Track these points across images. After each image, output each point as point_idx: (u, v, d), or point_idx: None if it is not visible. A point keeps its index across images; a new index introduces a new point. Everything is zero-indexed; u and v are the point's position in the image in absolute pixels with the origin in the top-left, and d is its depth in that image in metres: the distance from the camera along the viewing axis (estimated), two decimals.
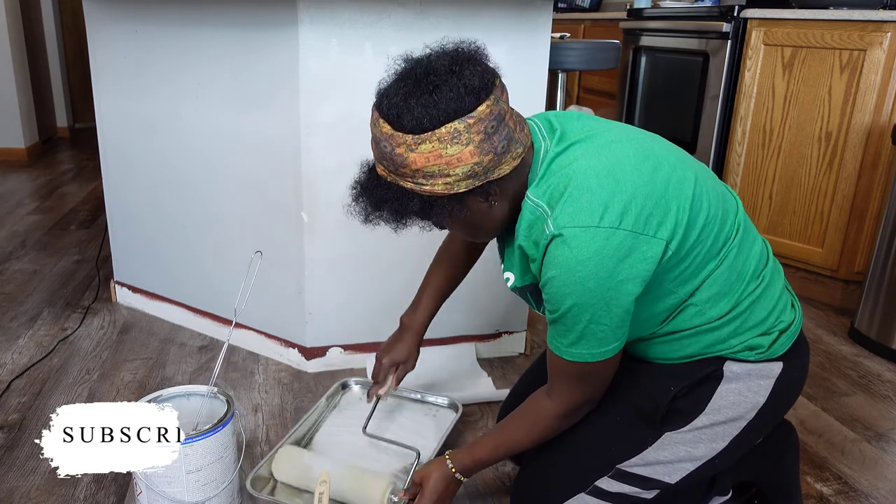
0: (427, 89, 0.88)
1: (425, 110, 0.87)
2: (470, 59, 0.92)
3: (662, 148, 1.03)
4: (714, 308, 1.02)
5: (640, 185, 0.94)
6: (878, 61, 2.11)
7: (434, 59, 0.91)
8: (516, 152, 0.94)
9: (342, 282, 1.79)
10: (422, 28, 1.64)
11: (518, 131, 0.95)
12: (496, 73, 0.93)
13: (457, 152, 0.88)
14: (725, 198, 1.04)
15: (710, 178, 1.05)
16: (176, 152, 1.94)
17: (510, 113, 0.93)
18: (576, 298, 0.93)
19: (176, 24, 1.81)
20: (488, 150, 0.90)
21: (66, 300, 2.25)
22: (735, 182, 2.55)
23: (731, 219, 1.02)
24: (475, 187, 0.93)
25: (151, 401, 1.26)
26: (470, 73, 0.89)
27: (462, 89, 0.87)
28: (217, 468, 1.20)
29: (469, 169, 0.90)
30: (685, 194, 0.96)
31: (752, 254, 1.04)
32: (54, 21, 5.04)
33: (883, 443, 1.60)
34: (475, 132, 0.88)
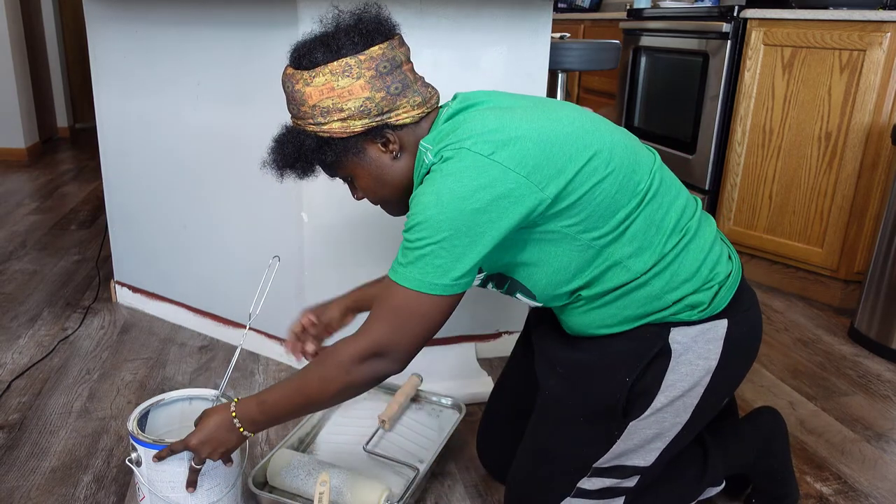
0: (326, 35, 0.98)
1: (321, 49, 0.96)
2: (371, 14, 1.00)
3: (569, 109, 1.04)
4: (638, 262, 1.01)
5: (527, 132, 0.94)
6: (878, 61, 2.12)
7: (340, 18, 1.01)
8: (414, 100, 0.99)
9: (342, 282, 1.78)
10: (422, 28, 1.64)
11: (418, 84, 1.01)
12: (395, 30, 1.01)
13: (347, 85, 0.95)
14: (638, 151, 1.04)
15: (622, 135, 1.04)
16: (176, 152, 1.94)
17: (410, 67, 1.01)
18: (427, 212, 0.91)
19: (176, 24, 1.81)
20: (380, 88, 0.97)
21: (66, 300, 2.25)
22: (735, 182, 2.55)
23: (643, 170, 1.02)
24: (370, 128, 0.99)
25: (154, 405, 1.25)
26: (366, 23, 0.98)
27: (355, 33, 0.96)
28: (221, 473, 1.19)
29: (361, 104, 0.96)
30: (577, 148, 0.96)
31: (674, 207, 1.04)
32: (54, 21, 5.04)
33: (883, 443, 1.60)
34: (366, 68, 0.95)
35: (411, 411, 1.62)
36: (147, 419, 1.24)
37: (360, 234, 1.76)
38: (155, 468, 1.14)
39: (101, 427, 1.57)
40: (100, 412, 1.63)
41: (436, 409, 1.62)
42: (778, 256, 2.49)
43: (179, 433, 1.26)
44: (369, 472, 1.43)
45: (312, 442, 1.52)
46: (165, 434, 1.26)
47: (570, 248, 1.00)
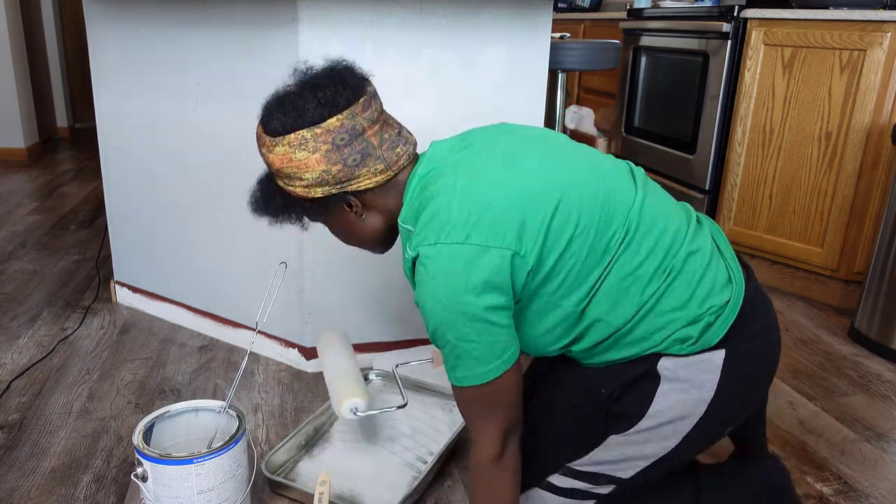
0: (290, 98, 0.98)
1: (283, 116, 0.97)
2: (339, 75, 1.00)
3: (535, 158, 1.01)
4: (617, 315, 0.99)
5: (494, 199, 0.94)
6: (878, 61, 2.11)
7: (313, 75, 1.02)
8: (375, 168, 1.00)
9: (342, 282, 1.79)
10: (422, 28, 1.64)
11: (383, 148, 1.00)
12: (361, 91, 0.99)
13: (304, 158, 0.98)
14: (610, 200, 0.99)
15: (593, 181, 1.00)
16: (176, 152, 1.94)
17: (375, 130, 1.00)
18: (437, 317, 0.94)
19: (176, 24, 1.81)
20: (336, 161, 0.98)
21: (66, 300, 2.25)
22: (735, 182, 2.55)
23: (616, 222, 0.98)
24: (331, 195, 1.02)
25: (159, 417, 1.24)
26: (329, 88, 0.98)
27: (316, 102, 0.97)
28: (230, 486, 1.17)
29: (318, 175, 0.99)
30: (545, 206, 0.95)
31: (657, 248, 0.99)
32: (54, 21, 5.04)
33: (883, 443, 1.60)
34: (322, 141, 0.97)
35: (422, 404, 1.64)
36: (152, 432, 1.22)
37: None
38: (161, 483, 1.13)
39: (100, 427, 1.57)
40: (100, 412, 1.63)
41: (449, 403, 1.64)
42: (778, 256, 2.49)
43: (186, 446, 1.25)
44: (376, 468, 1.44)
45: (328, 431, 1.53)
46: (171, 447, 1.25)
47: (555, 314, 1.00)
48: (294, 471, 1.41)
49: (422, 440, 1.50)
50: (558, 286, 0.97)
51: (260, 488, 1.36)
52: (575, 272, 0.97)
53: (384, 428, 1.54)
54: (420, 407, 1.62)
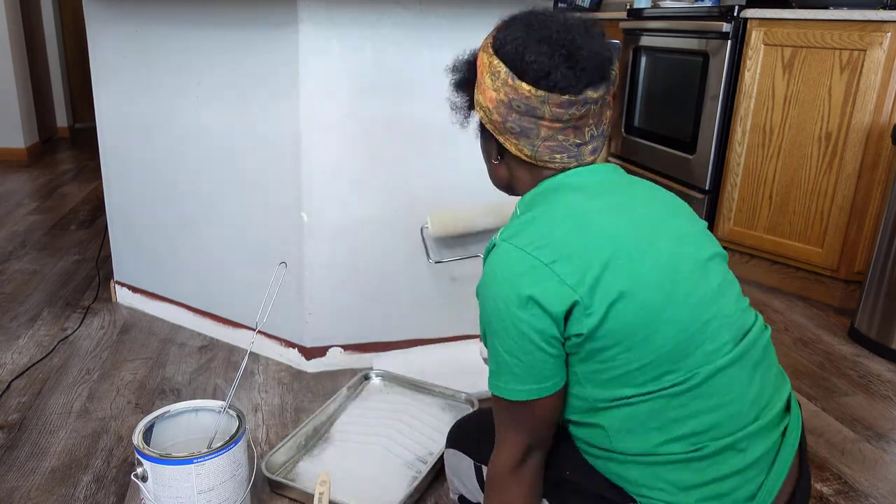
0: (535, 29, 0.90)
1: (510, 40, 0.91)
2: (585, 59, 0.89)
3: (666, 243, 0.90)
4: (621, 441, 0.91)
5: (600, 252, 0.86)
6: (878, 61, 2.11)
7: (588, 33, 0.91)
8: (521, 148, 0.94)
9: (342, 282, 1.79)
10: (422, 28, 1.64)
11: (544, 143, 0.92)
12: (576, 90, 0.88)
13: (488, 84, 0.93)
14: (692, 342, 0.87)
15: (698, 310, 0.88)
16: (176, 152, 1.94)
17: (554, 127, 0.91)
18: (488, 316, 0.90)
19: (176, 24, 1.81)
20: (501, 113, 0.92)
21: (66, 300, 2.25)
22: (735, 182, 2.55)
23: (682, 367, 0.87)
24: (484, 125, 0.97)
25: (159, 417, 1.24)
26: (559, 61, 0.88)
27: (540, 63, 0.88)
28: (230, 486, 1.17)
29: (485, 105, 0.94)
30: (637, 296, 0.85)
31: (698, 418, 0.88)
32: (54, 21, 5.04)
33: (883, 443, 1.60)
34: (504, 90, 0.91)
35: (424, 404, 1.64)
36: (152, 432, 1.22)
37: (360, 234, 1.76)
38: (161, 483, 1.13)
39: (100, 427, 1.57)
40: (100, 412, 1.63)
41: (449, 403, 1.65)
42: (778, 256, 2.49)
43: (186, 446, 1.25)
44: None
45: (328, 431, 1.53)
46: (171, 447, 1.25)
47: (573, 388, 0.93)
48: (294, 471, 1.41)
49: (422, 440, 1.50)
50: (592, 371, 0.90)
51: (260, 488, 1.36)
52: (615, 374, 0.88)
53: (384, 428, 1.54)
54: (420, 407, 1.63)
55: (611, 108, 0.96)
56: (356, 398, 1.68)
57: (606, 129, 0.96)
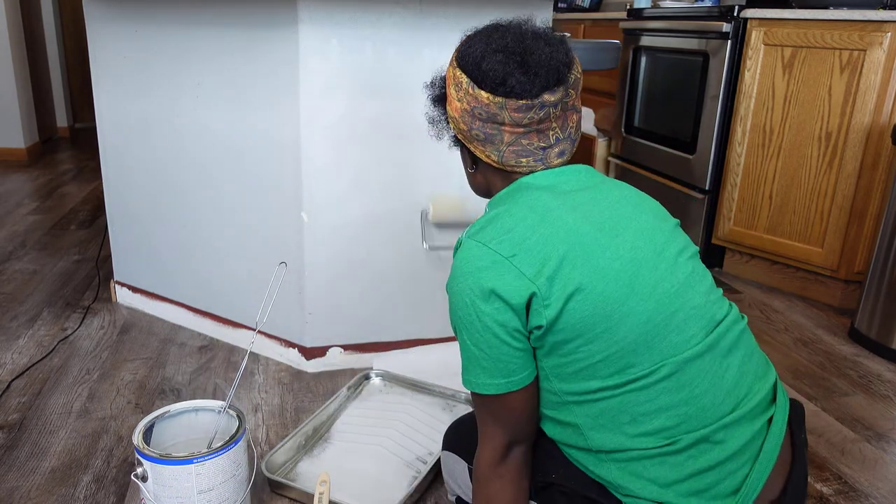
0: (493, 40, 0.95)
1: (470, 52, 0.95)
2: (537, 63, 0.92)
3: (630, 238, 0.91)
4: (595, 439, 0.91)
5: (559, 245, 0.87)
6: (878, 61, 2.11)
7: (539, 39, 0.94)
8: (489, 155, 0.97)
9: (342, 282, 1.79)
10: (422, 28, 1.64)
11: (509, 148, 0.95)
12: (532, 94, 0.91)
13: (453, 94, 0.97)
14: (659, 332, 0.88)
15: (664, 303, 0.88)
16: (176, 152, 1.94)
17: (517, 132, 0.94)
18: (455, 311, 0.92)
19: (176, 24, 1.81)
20: (466, 122, 0.96)
21: (66, 300, 2.25)
22: (735, 182, 2.55)
23: (649, 358, 0.87)
24: (455, 136, 1.03)
25: (159, 417, 1.24)
26: (513, 66, 0.91)
27: (496, 70, 0.92)
28: (230, 486, 1.17)
29: (452, 116, 0.99)
30: (598, 289, 0.86)
31: (670, 411, 0.88)
32: (54, 21, 5.04)
33: (883, 443, 1.60)
34: (465, 99, 0.95)
35: (424, 404, 1.64)
36: (152, 432, 1.22)
37: (360, 233, 1.76)
38: (161, 483, 1.13)
39: (100, 427, 1.57)
40: (100, 412, 1.63)
41: (449, 403, 1.65)
42: (778, 256, 2.49)
43: (186, 445, 1.25)
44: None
45: (328, 431, 1.53)
46: (171, 447, 1.25)
47: (540, 377, 0.95)
48: (294, 471, 1.41)
49: (422, 440, 1.50)
50: (556, 365, 0.91)
51: (260, 488, 1.36)
52: (578, 367, 0.89)
53: (384, 428, 1.54)
54: (420, 407, 1.63)
55: (577, 111, 0.98)
56: (356, 398, 1.68)
57: (573, 132, 0.97)
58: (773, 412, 0.95)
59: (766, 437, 0.92)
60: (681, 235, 0.98)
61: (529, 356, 0.92)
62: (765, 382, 0.96)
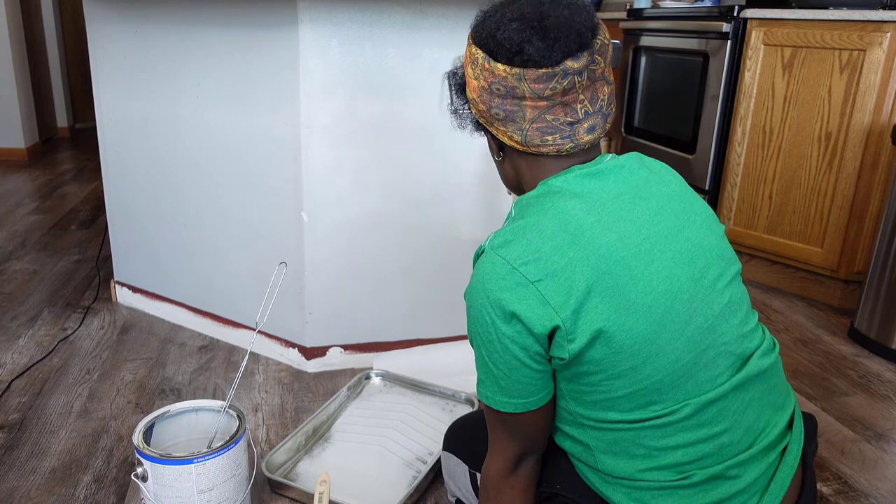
0: (509, 12, 0.86)
1: (483, 25, 0.87)
2: (557, 28, 0.83)
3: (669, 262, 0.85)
4: (606, 463, 0.89)
5: (589, 275, 0.81)
6: (878, 61, 2.11)
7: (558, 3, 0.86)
8: (512, 134, 0.89)
9: (342, 282, 1.79)
10: (422, 28, 1.64)
11: (532, 126, 0.86)
12: (554, 61, 0.82)
13: (470, 74, 0.90)
14: (686, 373, 0.84)
15: (695, 341, 0.84)
16: (176, 152, 1.94)
17: (539, 105, 0.85)
18: (474, 325, 0.87)
19: (176, 24, 1.81)
20: (485, 101, 0.88)
21: (66, 300, 2.25)
22: (735, 182, 2.55)
23: (675, 395, 0.84)
24: (478, 120, 0.95)
25: (159, 417, 1.24)
26: (531, 35, 0.83)
27: (511, 39, 0.84)
28: (230, 486, 1.17)
29: (471, 98, 0.92)
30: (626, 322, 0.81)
31: (688, 448, 0.85)
32: (54, 21, 5.04)
33: (883, 443, 1.60)
34: (483, 77, 0.87)
35: (423, 404, 1.65)
36: (152, 432, 1.22)
37: (360, 233, 1.76)
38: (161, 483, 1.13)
39: (101, 427, 1.57)
40: (100, 412, 1.63)
41: (449, 403, 1.65)
42: (778, 256, 2.49)
43: (186, 445, 1.25)
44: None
45: (328, 431, 1.53)
46: (171, 447, 1.25)
47: (559, 404, 0.92)
48: (294, 470, 1.41)
49: (422, 440, 1.50)
50: (575, 391, 0.88)
51: (260, 488, 1.36)
52: (599, 398, 0.86)
53: (384, 428, 1.54)
54: (420, 407, 1.63)
55: (609, 83, 0.88)
56: (356, 398, 1.68)
57: (605, 105, 0.87)
58: (789, 441, 0.92)
59: (779, 467, 0.90)
60: (725, 251, 0.92)
61: (549, 377, 0.88)
62: (784, 413, 0.94)
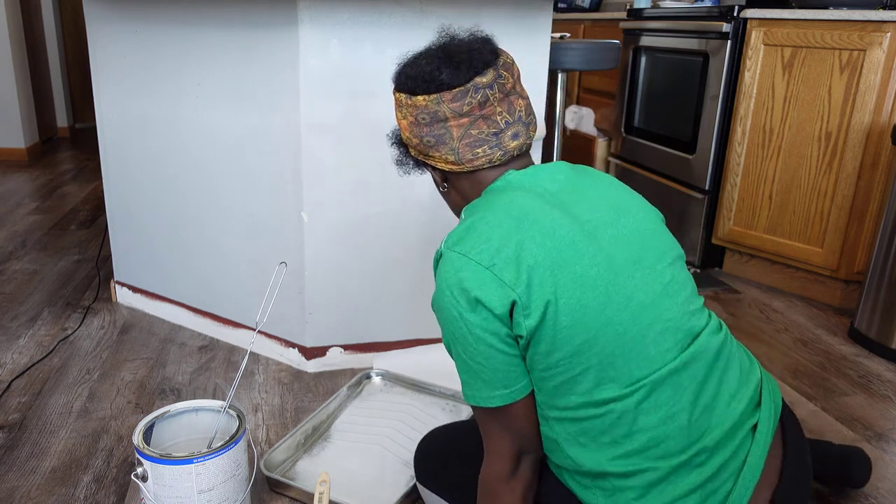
0: (417, 59, 0.98)
1: (401, 74, 0.99)
2: (454, 54, 0.95)
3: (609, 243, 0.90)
4: (579, 457, 0.91)
5: (538, 253, 0.86)
6: (878, 61, 2.11)
7: (442, 44, 0.99)
8: (446, 156, 0.97)
9: (342, 282, 1.79)
10: (422, 28, 1.64)
11: (462, 143, 0.95)
12: (461, 80, 0.93)
13: (400, 117, 1.00)
14: (634, 347, 0.87)
15: (640, 314, 0.87)
16: (176, 152, 1.94)
17: (462, 122, 0.94)
18: (446, 327, 0.91)
19: (176, 24, 1.81)
20: (416, 134, 0.98)
21: (66, 300, 2.25)
22: (735, 182, 2.55)
23: (629, 371, 0.87)
24: (418, 158, 1.03)
25: (159, 417, 1.24)
26: (436, 66, 0.94)
27: (423, 72, 0.95)
28: (230, 486, 1.17)
29: (407, 138, 1.01)
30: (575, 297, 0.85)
31: (649, 433, 0.87)
32: (54, 21, 5.04)
33: (883, 443, 1.60)
34: (409, 112, 0.97)
35: (423, 404, 1.64)
36: (152, 432, 1.22)
37: (360, 233, 1.76)
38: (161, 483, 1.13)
39: (101, 427, 1.57)
40: (100, 412, 1.63)
41: (449, 403, 1.65)
42: (778, 256, 2.49)
43: (186, 445, 1.25)
44: (376, 467, 1.44)
45: (327, 430, 1.53)
46: (171, 447, 1.25)
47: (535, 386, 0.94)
48: (293, 469, 1.41)
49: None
50: (538, 379, 0.90)
51: (260, 488, 1.36)
52: (558, 380, 0.89)
53: (383, 427, 1.54)
54: (420, 407, 1.63)
55: (522, 97, 0.98)
56: (356, 398, 1.68)
57: (524, 115, 0.97)
58: (758, 418, 0.93)
59: (751, 448, 0.90)
60: (666, 239, 0.96)
61: (522, 363, 0.91)
62: (747, 387, 0.94)
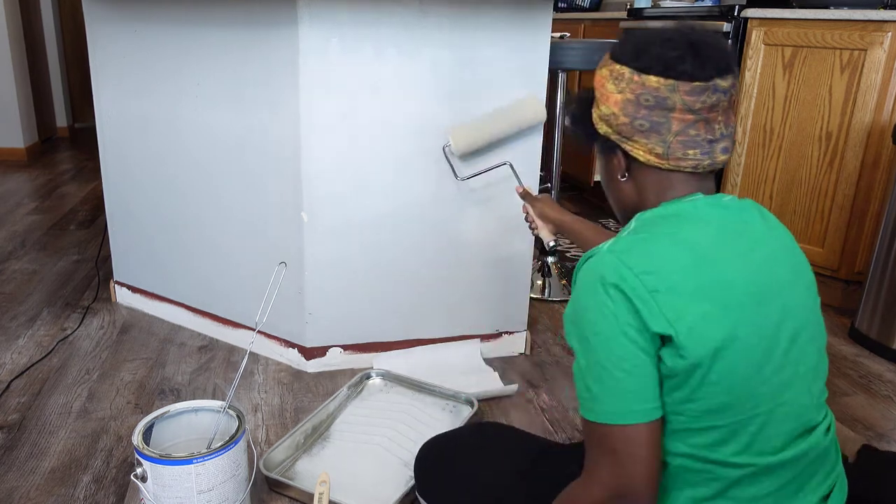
0: (652, 37, 0.90)
1: (631, 48, 0.90)
2: (704, 47, 0.88)
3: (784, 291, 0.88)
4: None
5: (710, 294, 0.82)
6: (879, 61, 2.11)
7: (690, 30, 0.90)
8: (653, 147, 0.90)
9: (342, 282, 1.79)
10: (422, 28, 1.63)
11: (677, 137, 0.89)
12: (704, 76, 0.87)
13: (611, 91, 0.92)
14: (759, 426, 0.85)
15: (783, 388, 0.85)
16: (176, 152, 1.94)
17: (686, 119, 0.88)
18: (583, 325, 0.85)
19: (176, 24, 1.81)
20: (628, 114, 0.90)
21: (65, 300, 2.25)
22: (735, 182, 2.55)
23: (749, 447, 0.85)
24: (608, 139, 0.95)
25: (159, 417, 1.24)
26: (681, 52, 0.87)
27: (665, 55, 0.87)
28: (230, 486, 1.17)
29: (609, 114, 0.92)
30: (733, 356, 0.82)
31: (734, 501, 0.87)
32: (54, 21, 5.04)
33: (883, 443, 1.60)
34: (631, 90, 0.89)
35: (423, 404, 1.64)
36: (152, 432, 1.22)
37: (360, 233, 1.76)
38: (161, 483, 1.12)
39: (100, 427, 1.57)
40: (99, 412, 1.63)
41: (449, 403, 1.65)
42: None
43: (186, 445, 1.25)
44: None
45: (327, 430, 1.53)
46: (171, 447, 1.25)
47: None
48: (293, 469, 1.41)
49: (421, 440, 1.49)
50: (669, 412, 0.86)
51: (260, 488, 1.36)
52: (675, 427, 0.86)
53: (383, 427, 1.54)
54: (420, 407, 1.63)
55: (735, 113, 0.95)
56: (356, 398, 1.68)
57: (734, 131, 0.93)
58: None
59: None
60: (819, 319, 0.94)
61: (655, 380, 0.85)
62: (826, 484, 0.94)
